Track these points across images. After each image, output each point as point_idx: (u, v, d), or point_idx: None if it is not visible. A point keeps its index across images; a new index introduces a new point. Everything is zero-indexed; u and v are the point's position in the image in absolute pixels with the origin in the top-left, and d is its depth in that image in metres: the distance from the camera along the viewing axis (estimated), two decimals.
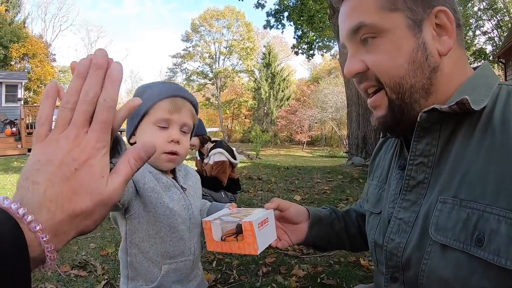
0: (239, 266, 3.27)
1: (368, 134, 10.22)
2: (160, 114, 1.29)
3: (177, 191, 1.39)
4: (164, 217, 1.31)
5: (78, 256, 3.59)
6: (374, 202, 1.23)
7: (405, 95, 0.96)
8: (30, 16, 42.38)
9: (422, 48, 0.93)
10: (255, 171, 9.03)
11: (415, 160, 0.99)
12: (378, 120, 1.05)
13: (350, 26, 1.00)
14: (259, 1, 17.23)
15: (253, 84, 48.32)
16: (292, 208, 1.39)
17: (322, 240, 1.43)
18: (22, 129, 16.65)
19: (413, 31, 0.93)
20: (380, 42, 0.96)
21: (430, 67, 0.94)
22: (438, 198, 0.90)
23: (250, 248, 1.22)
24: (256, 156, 22.42)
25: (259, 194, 6.26)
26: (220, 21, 49.30)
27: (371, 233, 1.19)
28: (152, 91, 1.32)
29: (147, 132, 1.31)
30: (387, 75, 0.96)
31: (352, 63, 1.02)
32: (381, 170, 1.26)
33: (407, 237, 0.98)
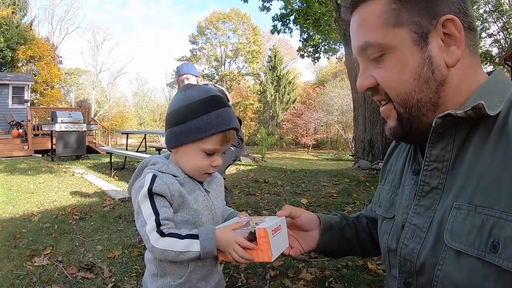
0: (246, 269, 3.25)
1: (374, 137, 10.17)
2: (211, 146, 1.34)
3: (201, 193, 1.43)
4: (190, 217, 1.36)
5: (85, 258, 3.59)
6: (387, 207, 1.22)
7: (412, 109, 0.97)
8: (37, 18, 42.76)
9: (428, 63, 0.93)
10: (261, 174, 9.00)
11: (430, 166, 0.98)
12: (389, 130, 1.07)
13: (358, 44, 1.02)
14: (264, 4, 17.22)
15: (258, 87, 48.41)
16: (304, 215, 1.39)
17: (333, 247, 1.42)
18: (29, 130, 16.72)
19: (418, 45, 0.93)
20: (387, 58, 0.97)
21: (436, 81, 0.94)
22: (453, 204, 0.90)
23: (264, 255, 1.21)
24: (261, 159, 22.43)
25: (266, 197, 6.23)
26: (226, 24, 49.47)
27: (384, 238, 1.18)
28: (208, 119, 1.33)
29: (193, 156, 1.36)
30: (394, 91, 0.98)
31: (363, 78, 1.04)
32: (394, 175, 1.25)
33: (421, 243, 0.97)
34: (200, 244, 1.25)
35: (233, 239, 1.24)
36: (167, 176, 1.35)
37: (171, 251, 1.25)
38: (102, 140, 23.05)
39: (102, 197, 6.48)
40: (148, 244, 1.27)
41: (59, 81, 38.48)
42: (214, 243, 1.26)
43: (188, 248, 1.25)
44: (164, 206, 1.30)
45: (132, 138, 28.41)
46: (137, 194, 1.32)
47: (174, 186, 1.33)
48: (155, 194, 1.29)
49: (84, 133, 13.81)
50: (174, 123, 1.36)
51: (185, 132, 1.33)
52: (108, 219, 4.97)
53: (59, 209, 5.59)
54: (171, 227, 1.29)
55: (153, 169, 1.37)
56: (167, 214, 1.29)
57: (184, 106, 1.35)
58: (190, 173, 1.40)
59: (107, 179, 8.73)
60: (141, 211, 1.30)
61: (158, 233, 1.25)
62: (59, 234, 4.36)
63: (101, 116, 47.21)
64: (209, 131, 1.32)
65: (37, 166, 11.08)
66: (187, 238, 1.26)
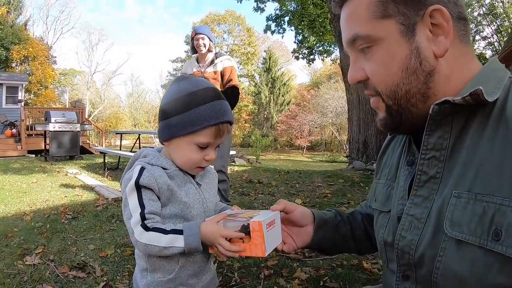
0: (240, 268, 3.22)
1: (369, 138, 10.17)
2: (205, 139, 1.32)
3: (193, 186, 1.40)
4: (178, 211, 1.33)
5: (76, 257, 3.54)
6: (383, 201, 1.20)
7: (401, 101, 0.97)
8: (31, 18, 42.58)
9: (415, 54, 0.93)
10: (255, 174, 8.97)
11: (427, 154, 0.97)
12: (380, 122, 1.07)
13: (347, 37, 1.03)
14: (258, 5, 17.26)
15: (253, 89, 48.49)
16: (298, 210, 1.37)
17: (327, 244, 1.41)
18: (22, 130, 16.67)
19: (406, 37, 0.93)
20: (375, 50, 0.97)
21: (425, 72, 0.93)
22: (452, 192, 0.88)
23: (258, 250, 1.18)
24: (256, 160, 22.39)
25: (260, 198, 6.21)
26: (221, 26, 49.48)
27: (380, 232, 1.17)
28: (201, 112, 1.30)
29: (185, 149, 1.33)
30: (383, 84, 0.98)
31: (353, 71, 1.05)
32: (390, 168, 1.24)
33: (419, 234, 0.96)
34: (184, 240, 1.23)
35: (218, 233, 1.22)
36: (156, 168, 1.32)
37: (155, 246, 1.23)
38: (96, 141, 22.93)
39: (95, 196, 6.43)
40: (133, 237, 1.25)
41: (53, 81, 38.42)
42: (198, 238, 1.24)
43: (172, 244, 1.23)
44: (151, 200, 1.27)
45: (127, 139, 28.35)
46: (126, 186, 1.29)
47: (162, 179, 1.30)
48: (143, 187, 1.27)
49: (78, 133, 13.74)
50: (167, 115, 1.33)
51: (178, 125, 1.30)
52: (100, 219, 4.92)
53: (51, 209, 5.53)
54: (156, 221, 1.26)
55: (143, 161, 1.34)
56: (153, 208, 1.27)
57: (177, 98, 1.32)
58: (183, 166, 1.38)
59: (100, 179, 8.67)
60: (127, 204, 1.28)
61: (142, 227, 1.23)
62: (51, 233, 4.31)
63: (95, 117, 47.12)
64: (203, 124, 1.29)
65: (30, 166, 11.00)
66: (171, 234, 1.24)
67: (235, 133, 49.58)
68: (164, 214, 1.31)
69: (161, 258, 1.32)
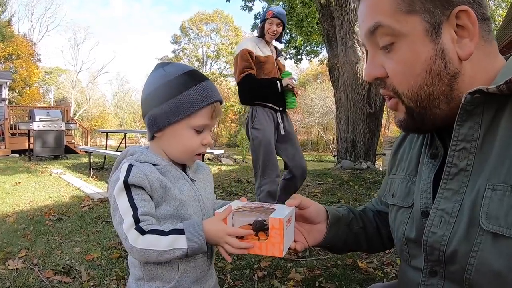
0: (233, 270, 3.13)
1: (357, 137, 10.15)
2: (202, 120, 1.25)
3: (186, 182, 1.30)
4: (174, 210, 1.23)
5: (61, 261, 3.41)
6: (403, 196, 1.14)
7: (424, 103, 0.94)
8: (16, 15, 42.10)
9: (440, 55, 0.89)
10: (243, 174, 8.91)
11: (458, 146, 0.92)
12: (400, 123, 1.02)
13: (367, 26, 0.96)
14: (246, 3, 17.25)
15: None
16: (313, 206, 1.29)
17: (339, 242, 1.34)
18: (6, 129, 16.31)
19: (430, 36, 0.88)
20: (398, 48, 0.92)
21: (449, 74, 0.89)
22: (486, 185, 0.85)
23: (275, 249, 1.09)
24: (242, 160, 22.35)
25: (249, 197, 6.09)
26: (209, 25, 49.47)
27: (400, 228, 1.12)
28: (195, 93, 1.24)
29: (182, 135, 1.26)
30: (405, 85, 0.94)
31: (372, 67, 0.99)
32: (408, 163, 1.18)
33: (451, 229, 0.91)
34: (187, 240, 1.12)
35: (223, 231, 1.12)
36: (146, 165, 1.22)
37: (154, 250, 1.11)
38: (81, 140, 22.67)
39: (80, 197, 6.30)
40: (127, 244, 1.13)
41: (38, 79, 38.02)
42: (203, 237, 1.13)
43: (173, 246, 1.11)
44: (143, 200, 1.16)
45: (112, 139, 28.14)
46: (113, 188, 1.18)
47: (154, 175, 1.19)
48: (132, 186, 1.16)
49: (62, 132, 13.53)
50: (157, 102, 1.23)
51: (172, 109, 1.22)
52: (86, 220, 4.80)
53: (35, 210, 5.40)
54: (152, 223, 1.14)
55: (131, 159, 1.24)
56: (146, 208, 1.16)
57: (166, 82, 1.24)
58: (180, 157, 1.29)
59: (85, 179, 8.54)
60: (117, 207, 1.16)
61: (137, 231, 1.11)
62: (35, 235, 4.18)
63: (80, 116, 46.65)
64: (198, 104, 1.22)
65: (14, 166, 10.80)
66: (171, 234, 1.12)
67: (221, 133, 49.57)
68: (158, 215, 1.21)
69: (158, 265, 1.22)
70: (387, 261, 3.31)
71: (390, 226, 1.21)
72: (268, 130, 3.99)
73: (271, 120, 4.04)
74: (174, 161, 1.31)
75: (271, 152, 4.03)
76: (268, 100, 4.03)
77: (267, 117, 4.02)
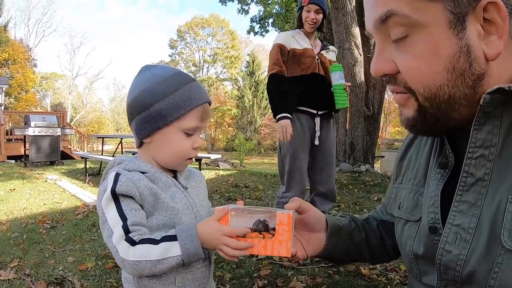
0: (232, 280, 3.02)
1: (355, 140, 10.09)
2: (192, 123, 1.20)
3: (178, 190, 1.23)
4: (167, 219, 1.15)
5: (54, 271, 3.29)
6: (410, 208, 1.04)
7: (441, 106, 0.81)
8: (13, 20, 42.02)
9: (465, 53, 0.75)
10: (241, 178, 8.81)
11: (475, 153, 0.81)
12: (406, 121, 0.89)
13: (377, 14, 0.81)
14: (242, 7, 17.24)
15: (236, 93, 48.61)
16: (313, 211, 1.19)
17: (340, 253, 1.24)
18: (2, 135, 16.15)
19: (454, 29, 0.75)
20: (413, 41, 0.78)
21: (474, 76, 0.77)
22: (508, 197, 0.76)
23: (282, 248, 1.00)
24: (240, 164, 22.27)
25: (247, 203, 6.03)
26: (205, 30, 49.55)
27: (407, 243, 1.02)
28: (183, 94, 1.18)
29: (174, 139, 1.20)
30: (421, 84, 0.81)
31: (380, 62, 0.86)
32: (416, 172, 1.07)
33: (468, 247, 0.81)
34: (181, 246, 1.03)
35: (220, 232, 1.04)
36: (134, 173, 1.14)
37: (146, 261, 1.02)
38: (78, 146, 22.55)
39: (75, 204, 6.19)
40: (118, 257, 1.04)
41: (34, 85, 37.93)
42: (197, 241, 1.05)
43: (166, 254, 1.03)
44: (133, 209, 1.08)
45: (109, 144, 28.01)
46: (101, 199, 1.10)
47: (143, 182, 1.12)
48: (121, 195, 1.08)
49: (58, 138, 13.41)
50: (144, 106, 1.16)
51: (161, 113, 1.15)
52: (81, 228, 4.68)
53: (29, 217, 5.29)
54: (143, 233, 1.06)
55: (118, 167, 1.16)
56: (137, 218, 1.08)
57: (154, 84, 1.17)
58: (172, 162, 1.22)
59: (81, 185, 8.42)
60: (106, 219, 1.08)
61: (127, 242, 1.03)
62: (28, 244, 4.07)
63: (77, 122, 46.59)
64: (189, 105, 1.17)
65: (9, 172, 10.66)
66: (163, 242, 1.04)
67: (218, 137, 49.53)
68: (151, 226, 1.13)
69: (153, 279, 1.13)
70: (391, 267, 3.21)
71: (397, 239, 1.12)
72: (298, 138, 3.52)
73: (305, 126, 3.56)
74: (164, 168, 1.24)
75: (298, 165, 3.56)
76: (302, 102, 3.53)
77: (300, 123, 3.54)
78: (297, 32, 3.65)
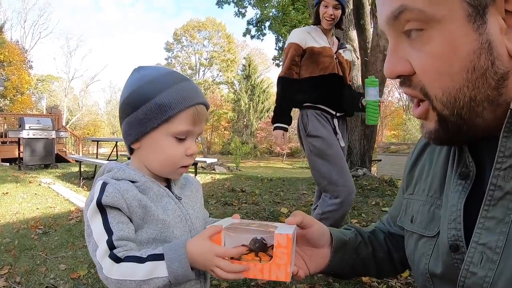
0: None
1: (352, 143, 10.02)
2: (183, 126, 1.10)
3: (171, 200, 1.15)
4: (157, 232, 1.07)
5: (46, 279, 3.22)
6: (426, 223, 0.95)
7: (462, 111, 0.72)
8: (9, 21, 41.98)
9: (486, 50, 0.67)
10: (237, 183, 8.75)
11: (504, 163, 0.72)
12: (429, 134, 0.81)
13: (389, 9, 0.74)
14: (239, 9, 17.25)
15: (232, 96, 48.63)
16: (316, 226, 1.10)
17: (345, 268, 1.16)
18: None
19: (474, 23, 0.67)
20: (428, 38, 0.71)
21: (497, 75, 0.68)
22: None
23: (281, 272, 0.91)
24: (236, 168, 22.23)
25: (244, 207, 5.96)
26: (202, 33, 49.56)
27: (422, 260, 0.93)
28: (172, 94, 1.09)
29: (162, 145, 1.11)
30: (438, 86, 0.73)
31: (393, 62, 0.78)
32: (431, 182, 0.98)
33: (495, 269, 0.72)
34: (167, 266, 0.95)
35: (212, 253, 0.94)
36: (123, 182, 1.06)
37: (131, 281, 0.94)
38: (73, 149, 22.42)
39: (68, 208, 6.10)
40: (102, 274, 0.97)
41: (30, 87, 37.80)
42: (186, 262, 0.96)
43: (152, 275, 0.95)
44: (120, 222, 1.01)
45: (105, 147, 27.92)
46: (88, 209, 1.02)
47: (131, 193, 1.04)
48: (107, 206, 1.00)
49: (53, 141, 13.28)
50: (131, 108, 1.08)
51: (147, 115, 1.07)
52: (74, 233, 4.60)
53: (21, 222, 5.20)
54: (129, 249, 0.98)
55: (106, 176, 1.08)
56: (124, 232, 1.00)
57: (142, 84, 1.09)
58: (163, 170, 1.14)
59: (75, 189, 8.33)
60: (91, 231, 1.00)
61: (111, 259, 0.95)
62: (19, 251, 3.99)
63: (73, 125, 46.43)
64: (177, 107, 1.08)
65: (3, 176, 10.53)
66: (149, 261, 0.95)
67: (214, 141, 49.50)
68: (140, 240, 1.06)
69: None
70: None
71: (408, 255, 1.03)
72: (329, 136, 3.22)
73: (328, 125, 3.28)
74: (158, 176, 1.16)
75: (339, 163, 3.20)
76: (320, 101, 3.28)
77: (322, 121, 3.25)
78: (313, 29, 3.39)
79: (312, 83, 3.31)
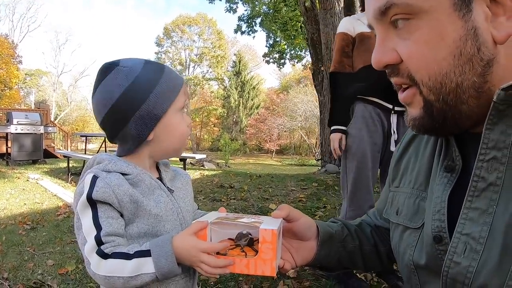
0: (216, 284, 2.96)
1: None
2: (183, 99, 1.18)
3: (163, 193, 1.16)
4: (149, 227, 1.08)
5: (33, 275, 3.20)
6: (411, 215, 0.97)
7: (448, 97, 0.75)
8: None
9: (472, 36, 0.70)
10: (226, 179, 8.75)
11: (487, 155, 0.75)
12: (413, 121, 0.84)
13: (377, 5, 0.77)
14: (230, 5, 17.19)
15: (222, 92, 48.47)
16: (303, 220, 1.12)
17: (331, 261, 1.18)
18: None
19: (460, 11, 0.70)
20: (415, 26, 0.73)
21: (483, 61, 0.71)
22: None
23: (266, 267, 0.93)
24: (225, 164, 22.21)
25: (232, 203, 5.97)
26: (192, 28, 49.32)
27: (407, 252, 0.95)
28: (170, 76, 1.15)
29: (175, 122, 1.16)
30: (425, 72, 0.76)
31: (381, 52, 0.80)
32: (416, 175, 1.00)
33: (478, 259, 0.74)
34: (154, 263, 0.96)
35: (196, 248, 0.96)
36: (113, 175, 1.06)
37: (118, 277, 0.96)
38: (62, 144, 22.24)
39: (56, 204, 6.08)
40: (89, 270, 0.98)
41: (18, 81, 37.37)
42: (172, 258, 0.97)
43: (139, 271, 0.96)
44: (109, 217, 1.01)
45: (93, 143, 27.73)
46: (77, 203, 1.03)
47: (122, 188, 1.04)
48: (98, 201, 1.00)
49: (41, 136, 13.20)
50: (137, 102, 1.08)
51: (159, 100, 1.10)
52: (61, 229, 4.58)
53: (9, 218, 5.17)
54: (116, 245, 0.99)
55: (97, 168, 1.07)
56: (113, 228, 1.00)
57: (136, 78, 1.09)
58: (179, 147, 1.20)
59: (63, 184, 8.30)
60: (81, 225, 1.01)
61: (98, 255, 0.97)
62: (7, 246, 3.97)
63: (61, 120, 45.98)
64: (178, 85, 1.15)
65: None
66: (136, 257, 0.97)
67: (204, 137, 49.38)
68: (131, 234, 1.06)
69: None
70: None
71: (393, 247, 1.05)
72: (367, 137, 2.73)
73: (377, 122, 2.75)
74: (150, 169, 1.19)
75: (366, 175, 2.77)
76: (373, 92, 2.75)
77: (370, 118, 2.75)
78: (362, 15, 3.00)
79: (367, 73, 2.76)
